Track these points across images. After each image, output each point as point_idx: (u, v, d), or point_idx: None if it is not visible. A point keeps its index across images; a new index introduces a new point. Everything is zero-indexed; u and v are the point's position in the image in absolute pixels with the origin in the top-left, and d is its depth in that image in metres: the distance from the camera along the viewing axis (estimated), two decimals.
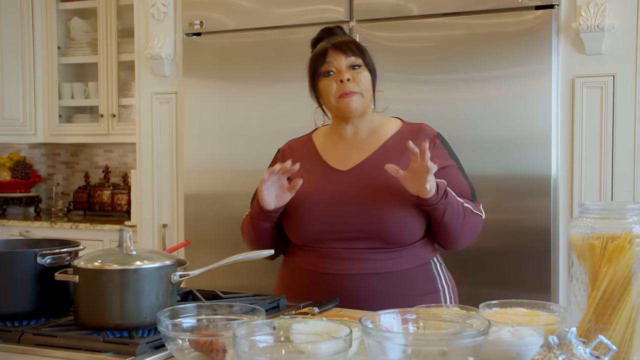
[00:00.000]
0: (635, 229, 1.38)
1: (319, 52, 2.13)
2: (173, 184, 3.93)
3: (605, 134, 3.04)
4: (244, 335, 1.29)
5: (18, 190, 5.02)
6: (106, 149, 5.10)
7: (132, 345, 1.45)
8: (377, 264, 2.03)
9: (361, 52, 2.11)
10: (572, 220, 1.47)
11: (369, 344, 1.29)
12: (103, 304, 1.55)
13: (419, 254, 2.09)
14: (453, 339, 1.26)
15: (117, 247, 1.63)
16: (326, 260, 2.05)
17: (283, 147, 2.30)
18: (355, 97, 2.08)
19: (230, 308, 1.50)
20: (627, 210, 1.41)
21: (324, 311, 1.83)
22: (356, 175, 2.08)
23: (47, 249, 1.65)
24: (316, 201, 2.07)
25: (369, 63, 2.13)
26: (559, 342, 1.28)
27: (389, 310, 1.38)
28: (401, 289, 2.04)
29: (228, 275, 3.61)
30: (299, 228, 2.10)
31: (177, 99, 3.91)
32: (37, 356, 1.49)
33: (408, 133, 2.13)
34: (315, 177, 2.11)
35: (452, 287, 2.18)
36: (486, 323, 1.29)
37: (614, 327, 1.38)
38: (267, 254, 1.74)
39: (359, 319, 1.31)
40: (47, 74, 4.84)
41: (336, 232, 2.04)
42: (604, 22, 2.98)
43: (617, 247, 1.38)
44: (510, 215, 3.14)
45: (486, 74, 3.18)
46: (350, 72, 2.08)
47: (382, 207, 2.01)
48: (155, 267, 1.58)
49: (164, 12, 3.90)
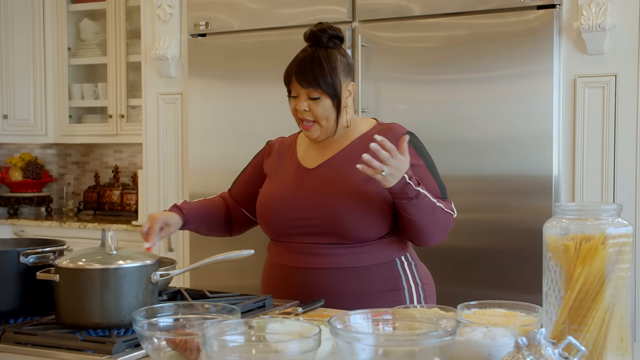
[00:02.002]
0: (609, 230, 1.37)
1: (288, 68, 2.17)
2: (179, 184, 3.95)
3: (607, 134, 3.02)
4: (213, 335, 1.30)
5: (30, 190, 5.07)
6: (116, 149, 5.14)
7: (108, 344, 1.46)
8: (336, 258, 2.09)
9: (319, 82, 2.09)
10: (548, 221, 1.46)
11: (337, 344, 1.29)
12: (83, 302, 1.57)
13: (382, 251, 2.13)
14: (419, 340, 1.25)
15: (100, 246, 1.65)
16: (290, 254, 2.15)
17: (273, 141, 2.39)
18: (314, 128, 2.14)
19: (207, 308, 1.50)
20: (601, 211, 1.40)
21: (308, 311, 1.84)
22: (319, 173, 2.16)
23: (29, 249, 1.67)
24: (282, 197, 2.17)
25: (329, 89, 2.10)
26: (528, 343, 1.27)
27: (359, 310, 1.38)
28: (361, 285, 2.09)
29: (232, 275, 3.63)
30: (265, 222, 2.20)
31: (182, 99, 3.93)
32: (16, 355, 1.51)
33: (376, 133, 2.14)
34: (286, 175, 2.22)
35: (422, 286, 2.19)
36: (454, 323, 1.29)
37: (588, 328, 1.38)
38: (248, 253, 1.76)
39: (328, 319, 1.32)
40: (57, 75, 4.88)
41: (297, 226, 2.12)
42: (605, 22, 2.96)
43: (590, 248, 1.37)
44: (512, 216, 3.12)
45: (488, 73, 3.17)
46: (308, 103, 2.12)
47: (337, 203, 2.07)
48: (135, 266, 1.59)
49: (170, 13, 3.92)
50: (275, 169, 2.27)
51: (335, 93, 2.11)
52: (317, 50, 2.14)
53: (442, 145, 3.20)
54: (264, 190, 2.25)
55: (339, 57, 2.14)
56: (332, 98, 2.11)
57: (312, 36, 2.17)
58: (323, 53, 2.13)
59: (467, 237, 3.19)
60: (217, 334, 1.32)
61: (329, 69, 2.10)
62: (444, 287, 3.03)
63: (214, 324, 1.36)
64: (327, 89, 2.10)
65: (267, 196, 2.21)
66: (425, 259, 2.36)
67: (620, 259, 1.38)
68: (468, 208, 3.19)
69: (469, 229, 3.18)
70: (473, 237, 3.19)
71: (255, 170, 2.37)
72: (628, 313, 1.40)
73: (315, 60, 2.12)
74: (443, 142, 3.21)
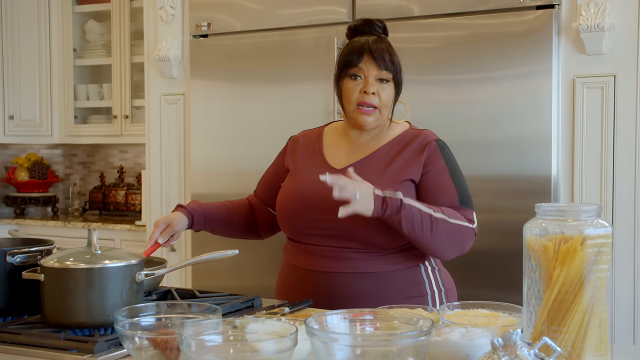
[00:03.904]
0: (587, 230, 1.36)
1: (355, 49, 2.06)
2: (181, 185, 3.97)
3: (606, 135, 3.01)
4: (190, 334, 1.31)
5: (36, 190, 5.10)
6: (121, 149, 5.16)
7: (91, 343, 1.48)
8: (356, 263, 2.02)
9: (394, 66, 2.05)
10: (528, 221, 1.46)
11: (314, 344, 1.30)
12: (67, 302, 1.58)
13: (404, 257, 2.06)
14: (394, 340, 1.26)
15: (86, 246, 1.66)
16: (309, 256, 2.07)
17: (296, 136, 2.28)
18: (374, 114, 2.05)
19: (189, 307, 1.51)
20: (581, 212, 1.40)
21: (295, 311, 1.84)
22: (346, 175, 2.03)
23: (16, 248, 1.69)
24: (303, 194, 2.08)
25: (398, 78, 2.07)
26: (504, 344, 1.27)
27: (336, 310, 1.39)
28: (382, 290, 2.02)
29: (232, 276, 3.65)
30: (284, 218, 2.13)
31: (184, 100, 3.95)
32: (0, 353, 1.53)
33: (407, 138, 2.12)
34: (311, 172, 2.08)
35: (446, 292, 2.13)
36: (429, 323, 1.30)
37: (567, 329, 1.37)
38: (232, 253, 1.76)
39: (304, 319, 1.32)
40: (63, 75, 4.91)
41: (317, 227, 2.04)
42: (604, 22, 2.95)
43: (569, 248, 1.37)
44: (510, 216, 3.11)
45: (487, 74, 3.16)
46: (377, 85, 2.04)
47: None
48: (119, 266, 1.60)
49: (172, 14, 3.94)
50: (298, 164, 2.16)
51: (400, 82, 2.07)
52: (379, 36, 2.09)
53: None
54: (285, 186, 2.17)
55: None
56: (397, 86, 2.07)
57: (368, 23, 2.11)
58: (387, 40, 2.09)
59: None
60: (194, 333, 1.32)
61: (397, 56, 2.07)
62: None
63: (193, 324, 1.36)
64: (396, 75, 2.05)
65: (288, 192, 2.12)
66: None
67: (600, 259, 1.37)
68: None
69: None
70: None
71: (277, 168, 2.28)
72: (608, 314, 1.40)
73: (387, 44, 2.07)
74: None
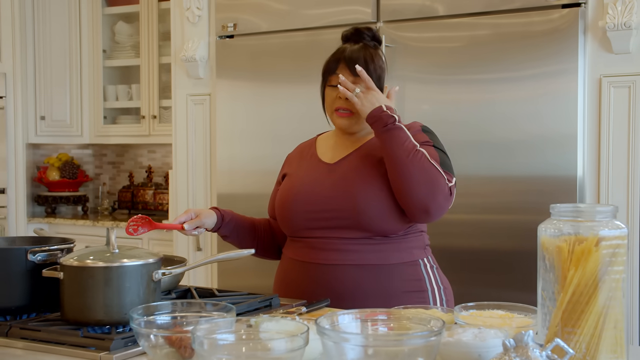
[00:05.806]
0: (602, 231, 1.35)
1: (335, 57, 2.19)
2: (207, 184, 4.00)
3: (633, 134, 2.97)
4: (203, 333, 1.32)
5: (67, 190, 5.17)
6: (150, 149, 5.21)
7: (107, 341, 1.49)
8: (358, 255, 2.07)
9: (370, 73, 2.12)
10: (542, 222, 1.45)
11: (325, 344, 1.30)
12: (85, 300, 1.60)
13: (404, 250, 2.11)
14: (403, 340, 1.26)
15: (105, 244, 1.68)
16: (310, 250, 2.13)
17: (291, 152, 2.40)
18: (351, 117, 2.15)
19: (205, 306, 1.53)
20: (596, 212, 1.39)
21: (313, 311, 1.85)
22: (340, 167, 2.16)
23: (37, 246, 1.71)
24: (301, 191, 2.17)
25: (376, 82, 2.14)
26: (516, 345, 1.27)
27: (348, 310, 1.39)
28: (384, 284, 2.07)
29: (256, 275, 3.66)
30: (285, 216, 2.19)
31: (210, 100, 3.97)
32: (21, 349, 1.56)
33: None
34: (306, 171, 2.22)
35: (444, 289, 2.18)
36: (440, 324, 1.29)
37: (582, 331, 1.36)
38: (248, 252, 1.78)
39: (315, 319, 1.33)
40: (92, 76, 4.97)
41: (317, 219, 2.11)
42: (631, 20, 2.92)
43: (584, 250, 1.36)
44: (536, 217, 3.06)
45: (512, 73, 3.14)
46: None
47: (358, 194, 2.06)
48: (137, 265, 1.62)
49: (199, 15, 3.97)
50: (293, 168, 2.28)
51: (380, 87, 2.14)
52: (365, 44, 2.18)
53: (466, 145, 3.18)
54: (283, 187, 2.25)
55: (382, 57, 2.19)
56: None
57: (357, 32, 2.20)
58: (370, 48, 2.17)
59: (491, 238, 3.17)
60: (207, 332, 1.34)
61: (378, 62, 2.15)
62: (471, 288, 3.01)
63: (206, 322, 1.38)
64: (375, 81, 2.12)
65: (287, 191, 2.21)
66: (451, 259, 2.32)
67: (615, 261, 1.36)
68: (492, 209, 3.17)
69: (493, 230, 3.16)
70: (496, 238, 3.16)
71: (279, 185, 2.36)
72: (623, 316, 1.38)
73: (368, 52, 2.15)
74: (467, 142, 3.19)
